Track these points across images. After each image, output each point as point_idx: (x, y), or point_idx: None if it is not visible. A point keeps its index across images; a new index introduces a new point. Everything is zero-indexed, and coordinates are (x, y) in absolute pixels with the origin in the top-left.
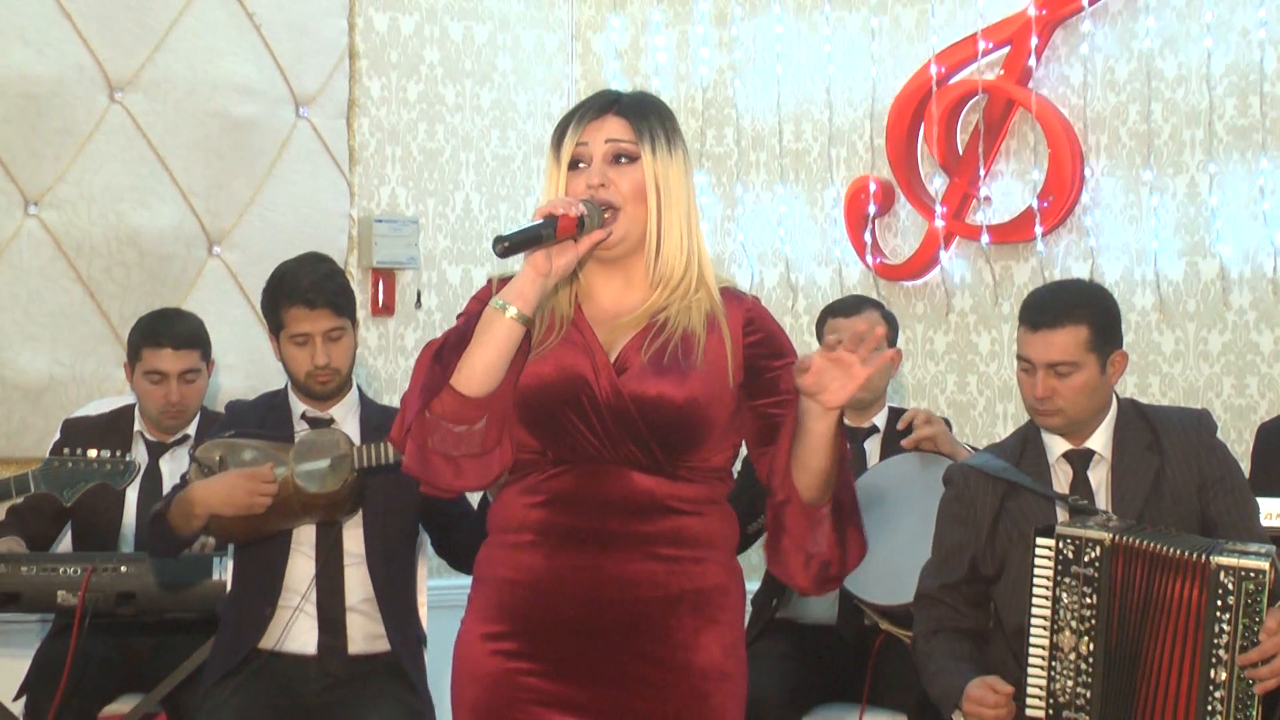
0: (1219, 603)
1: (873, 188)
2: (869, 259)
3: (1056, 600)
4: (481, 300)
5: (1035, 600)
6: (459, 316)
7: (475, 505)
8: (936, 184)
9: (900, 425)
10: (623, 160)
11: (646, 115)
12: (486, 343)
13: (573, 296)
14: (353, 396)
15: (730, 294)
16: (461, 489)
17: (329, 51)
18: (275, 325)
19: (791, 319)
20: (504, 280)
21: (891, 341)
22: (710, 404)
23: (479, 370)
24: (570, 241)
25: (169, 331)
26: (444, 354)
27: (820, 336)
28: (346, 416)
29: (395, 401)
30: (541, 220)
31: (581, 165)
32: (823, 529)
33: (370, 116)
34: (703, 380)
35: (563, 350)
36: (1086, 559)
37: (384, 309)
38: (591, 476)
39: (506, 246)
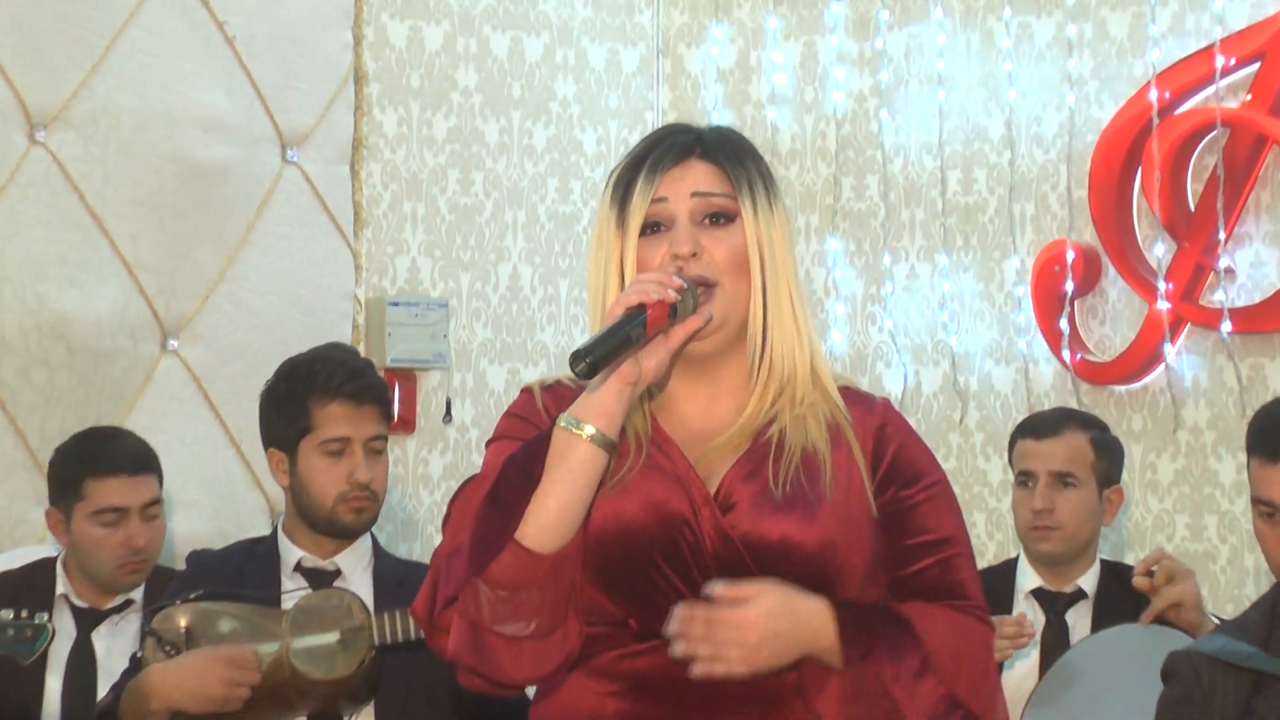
0: None
1: (1071, 257)
2: (1066, 354)
3: None
4: (522, 418)
5: None
6: (490, 443)
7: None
8: (1159, 251)
9: (1138, 573)
10: (718, 221)
11: (741, 159)
12: (563, 478)
13: (647, 408)
14: (364, 542)
15: (853, 396)
16: (521, 682)
17: (327, 74)
18: (298, 430)
19: (960, 437)
20: (549, 390)
21: (1111, 475)
22: (849, 547)
23: (553, 516)
24: (661, 336)
25: (119, 453)
26: (502, 494)
27: (1011, 462)
28: (356, 569)
29: (418, 553)
30: (625, 315)
31: (659, 228)
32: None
33: (383, 161)
34: (837, 515)
35: (646, 481)
36: None
37: (401, 424)
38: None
39: (590, 364)
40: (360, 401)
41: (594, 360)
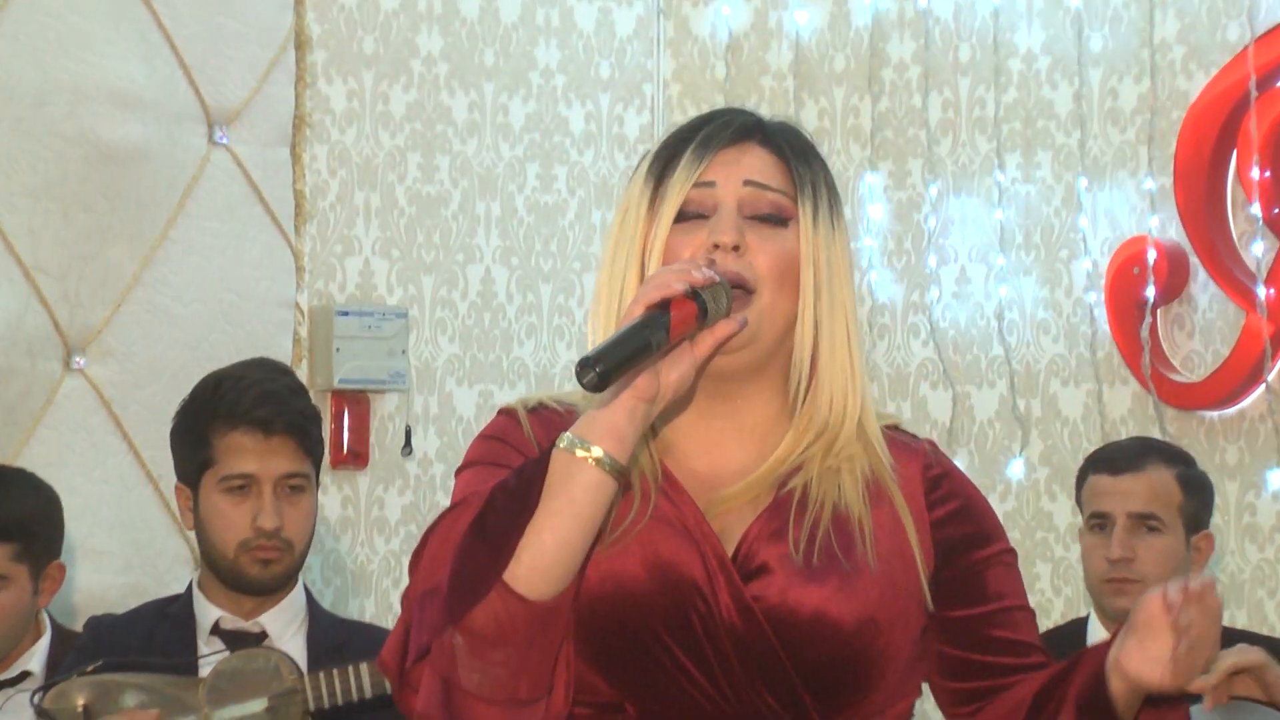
0: None
1: (1152, 257)
2: (1147, 373)
3: None
4: (504, 441)
5: None
6: (462, 472)
7: None
8: (1258, 250)
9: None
10: (770, 220)
11: (808, 158)
12: (563, 510)
13: (652, 442)
14: (297, 599)
15: (897, 439)
16: None
17: (263, 38)
18: (197, 464)
19: (1020, 473)
20: (535, 413)
21: (1200, 518)
22: (893, 625)
23: (550, 555)
24: (686, 343)
25: None
26: (490, 525)
27: (1081, 503)
28: (285, 632)
29: (371, 612)
30: (644, 315)
31: (699, 218)
32: None
33: (330, 143)
34: (880, 587)
35: (650, 535)
36: None
37: (350, 457)
38: None
39: (600, 374)
40: (269, 431)
41: (606, 369)
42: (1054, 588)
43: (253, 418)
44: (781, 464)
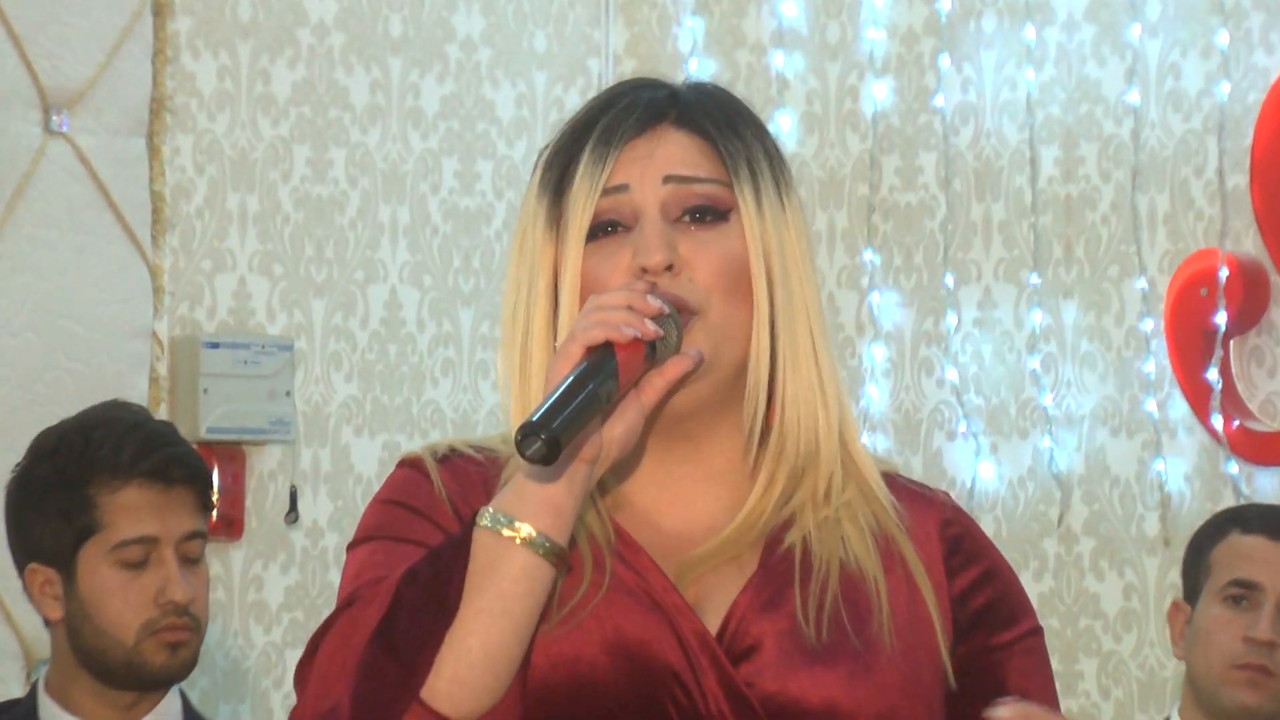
0: None
1: (1224, 275)
2: (1217, 421)
3: None
4: (409, 506)
5: None
6: (354, 548)
7: None
8: None
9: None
10: (703, 218)
11: (736, 127)
12: (490, 606)
13: (599, 500)
14: (170, 706)
15: (903, 489)
16: None
17: (112, 3)
18: (73, 536)
19: (1058, 544)
20: (447, 463)
21: None
22: (916, 716)
23: (477, 663)
24: (631, 390)
25: None
26: (399, 629)
27: (1202, 566)
28: None
29: None
30: (589, 362)
31: (615, 229)
32: None
33: (196, 133)
34: (900, 671)
35: (610, 611)
36: None
37: (222, 525)
38: None
39: (548, 442)
40: (169, 480)
41: (554, 435)
42: (1101, 689)
43: (146, 468)
44: (760, 514)
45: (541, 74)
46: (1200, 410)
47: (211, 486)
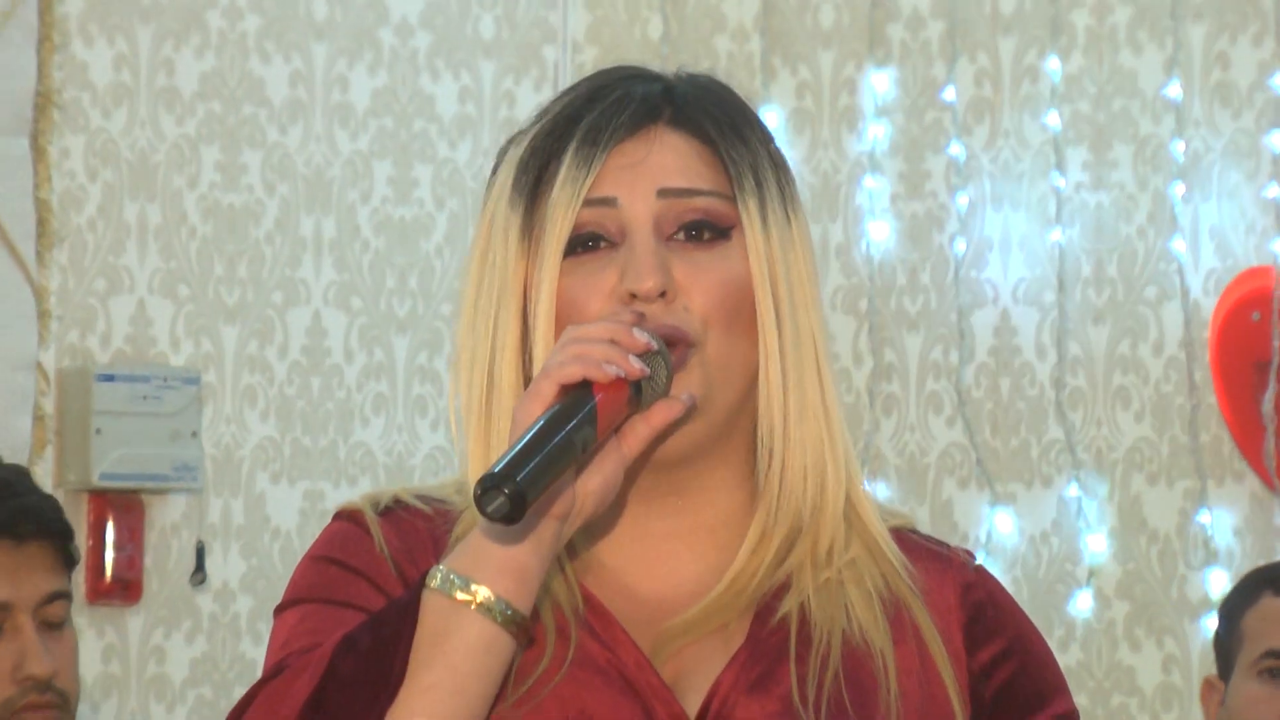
0: None
1: (1278, 297)
2: (1271, 464)
3: None
4: (345, 565)
5: None
6: (282, 611)
7: None
8: None
9: None
10: (701, 236)
11: (740, 130)
12: (441, 681)
13: (568, 563)
14: None
15: (916, 546)
16: None
17: None
18: None
19: (1088, 609)
20: (390, 516)
21: None
22: None
23: None
24: (611, 437)
25: None
26: (332, 704)
27: (1235, 637)
28: None
29: None
30: (564, 404)
31: (599, 244)
32: None
33: (89, 132)
34: None
35: (574, 688)
36: None
37: (116, 588)
38: None
39: (512, 498)
40: (18, 537)
41: (520, 490)
42: None
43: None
44: (750, 576)
45: (489, 64)
46: (1251, 453)
47: (71, 538)
